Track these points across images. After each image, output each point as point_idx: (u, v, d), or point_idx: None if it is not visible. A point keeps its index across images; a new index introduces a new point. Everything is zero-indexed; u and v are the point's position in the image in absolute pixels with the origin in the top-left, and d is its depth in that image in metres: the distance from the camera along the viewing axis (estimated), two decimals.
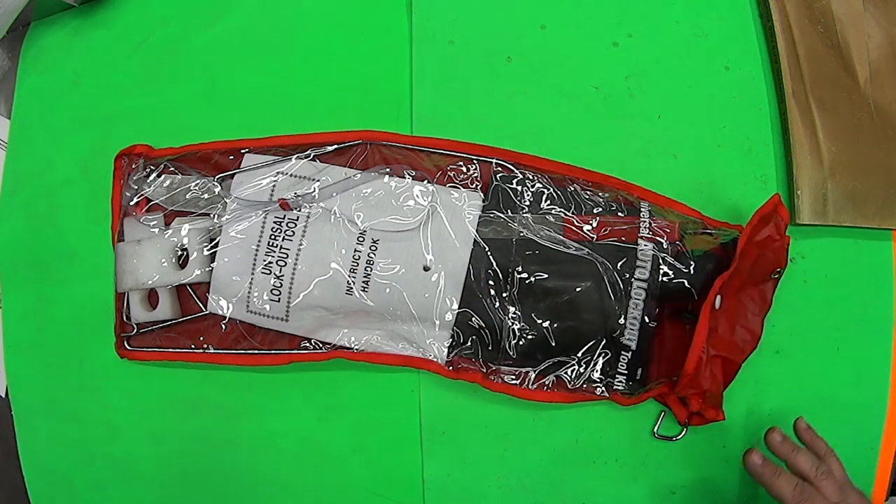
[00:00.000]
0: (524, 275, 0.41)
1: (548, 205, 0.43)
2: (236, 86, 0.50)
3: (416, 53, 0.48)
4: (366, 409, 0.46)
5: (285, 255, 0.43)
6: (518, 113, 0.46)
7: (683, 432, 0.43)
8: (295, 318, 0.43)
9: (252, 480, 0.47)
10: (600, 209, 0.42)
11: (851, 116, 0.45)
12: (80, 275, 0.50)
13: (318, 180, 0.44)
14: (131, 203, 0.46)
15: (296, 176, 0.44)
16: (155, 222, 0.45)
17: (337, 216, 0.43)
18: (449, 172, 0.44)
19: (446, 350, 0.43)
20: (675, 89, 0.46)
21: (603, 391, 0.42)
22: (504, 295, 0.42)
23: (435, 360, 0.43)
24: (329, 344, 0.44)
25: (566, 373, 0.42)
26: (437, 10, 0.48)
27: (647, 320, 0.40)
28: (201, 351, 0.46)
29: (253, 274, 0.43)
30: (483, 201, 0.43)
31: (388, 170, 0.44)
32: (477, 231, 0.42)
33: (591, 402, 0.44)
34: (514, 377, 0.43)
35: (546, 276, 0.41)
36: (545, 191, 0.43)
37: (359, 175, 0.44)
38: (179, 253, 0.45)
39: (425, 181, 0.44)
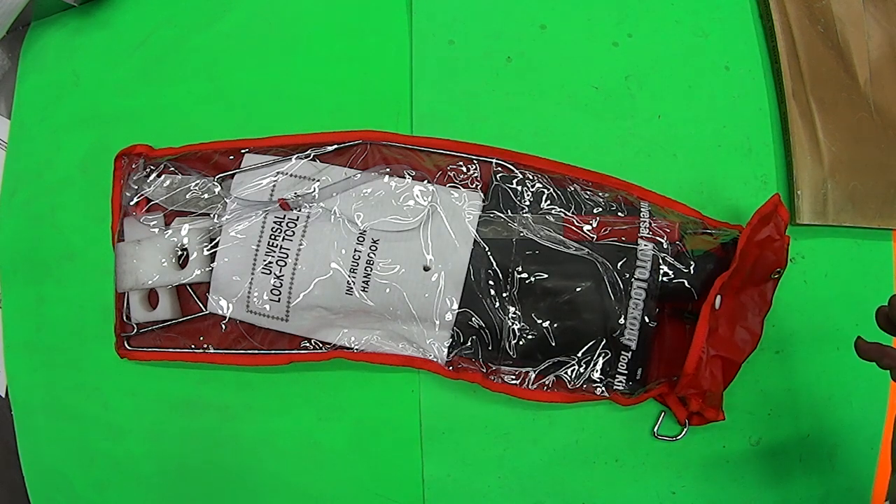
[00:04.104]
0: (524, 275, 0.41)
1: (548, 205, 0.43)
2: (236, 86, 0.50)
3: (416, 53, 0.48)
4: (366, 409, 0.46)
5: (285, 255, 0.43)
6: (518, 113, 0.46)
7: (683, 432, 0.43)
8: (295, 317, 0.43)
9: (252, 480, 0.47)
10: (600, 209, 0.42)
11: (851, 116, 0.45)
12: (80, 275, 0.50)
13: (318, 180, 0.44)
14: (131, 203, 0.46)
15: (296, 176, 0.44)
16: (155, 222, 0.45)
17: (337, 216, 0.43)
18: (449, 172, 0.44)
19: (446, 350, 0.43)
20: (675, 89, 0.46)
21: (603, 391, 0.42)
22: (504, 295, 0.42)
23: (435, 360, 0.43)
24: (329, 344, 0.44)
25: (566, 373, 0.42)
26: (437, 10, 0.48)
27: (647, 320, 0.40)
28: (201, 351, 0.46)
29: (253, 274, 0.43)
30: (483, 201, 0.43)
31: (388, 170, 0.44)
32: (477, 231, 0.42)
33: (591, 402, 0.44)
34: (514, 377, 0.43)
35: (546, 276, 0.41)
36: (545, 191, 0.43)
37: (359, 175, 0.44)
38: (179, 253, 0.45)
39: (425, 181, 0.44)
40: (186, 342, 0.46)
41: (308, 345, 0.45)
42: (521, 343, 0.42)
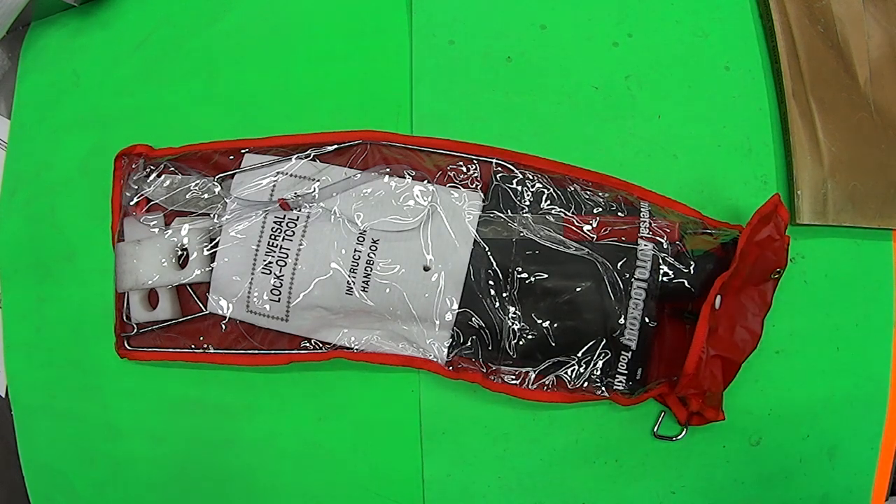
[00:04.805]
0: (524, 275, 0.41)
1: (548, 205, 0.43)
2: (236, 86, 0.50)
3: (416, 53, 0.48)
4: (366, 409, 0.46)
5: (285, 255, 0.43)
6: (518, 113, 0.46)
7: (683, 432, 0.43)
8: (295, 317, 0.43)
9: (252, 480, 0.47)
10: (600, 209, 0.42)
11: (851, 116, 0.45)
12: (80, 275, 0.50)
13: (318, 180, 0.44)
14: (131, 203, 0.46)
15: (296, 176, 0.44)
16: (155, 222, 0.45)
17: (337, 216, 0.43)
18: (449, 172, 0.44)
19: (446, 350, 0.43)
20: (675, 89, 0.46)
21: (603, 391, 0.42)
22: (504, 295, 0.42)
23: (435, 360, 0.43)
24: (329, 344, 0.44)
25: (566, 373, 0.42)
26: (437, 10, 0.48)
27: (647, 320, 0.40)
28: (201, 351, 0.46)
29: (253, 274, 0.43)
30: (483, 201, 0.43)
31: (388, 170, 0.44)
32: (477, 231, 0.42)
33: (591, 402, 0.44)
34: (514, 377, 0.43)
35: (546, 276, 0.41)
36: (545, 191, 0.43)
37: (359, 175, 0.44)
38: (179, 253, 0.45)
39: (425, 181, 0.44)
40: (186, 342, 0.46)
41: (308, 345, 0.45)
42: (521, 343, 0.42)
